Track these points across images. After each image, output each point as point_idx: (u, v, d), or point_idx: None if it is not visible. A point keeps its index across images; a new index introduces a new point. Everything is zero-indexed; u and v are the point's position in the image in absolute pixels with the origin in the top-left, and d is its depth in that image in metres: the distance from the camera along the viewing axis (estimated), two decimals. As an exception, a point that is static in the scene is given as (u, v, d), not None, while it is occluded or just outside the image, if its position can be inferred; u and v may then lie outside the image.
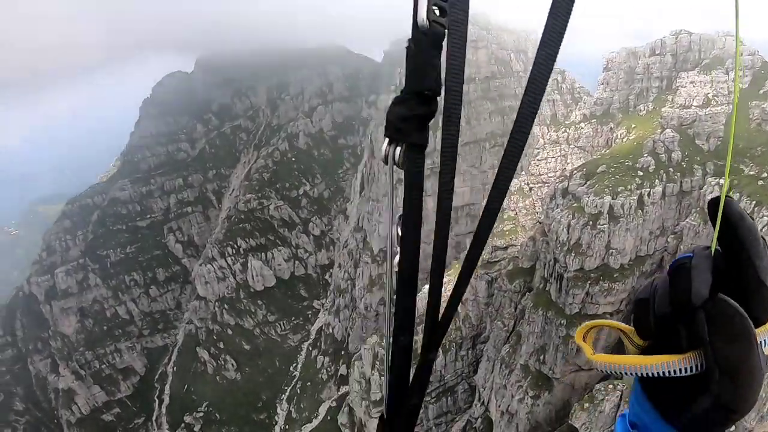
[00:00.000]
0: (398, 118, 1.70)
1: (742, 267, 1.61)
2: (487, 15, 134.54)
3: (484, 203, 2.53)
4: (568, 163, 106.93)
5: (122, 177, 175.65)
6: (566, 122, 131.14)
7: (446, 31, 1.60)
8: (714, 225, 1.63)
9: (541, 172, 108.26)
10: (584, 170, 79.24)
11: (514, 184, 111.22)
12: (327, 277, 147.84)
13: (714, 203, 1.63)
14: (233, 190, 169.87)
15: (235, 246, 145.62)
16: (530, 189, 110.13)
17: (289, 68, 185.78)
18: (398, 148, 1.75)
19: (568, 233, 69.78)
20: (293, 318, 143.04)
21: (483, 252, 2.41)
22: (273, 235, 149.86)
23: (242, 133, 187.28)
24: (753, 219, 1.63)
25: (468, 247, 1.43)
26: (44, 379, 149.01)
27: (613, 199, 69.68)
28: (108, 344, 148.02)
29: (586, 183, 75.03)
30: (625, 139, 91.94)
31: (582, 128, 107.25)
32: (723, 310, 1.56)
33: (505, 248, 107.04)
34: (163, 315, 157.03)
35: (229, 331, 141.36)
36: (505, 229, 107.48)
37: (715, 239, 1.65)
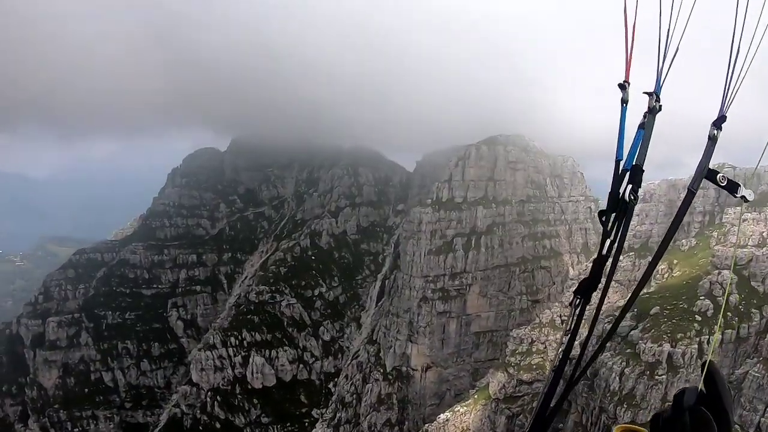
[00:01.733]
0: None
1: (715, 399, 2.94)
2: (525, 138, 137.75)
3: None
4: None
5: (136, 240, 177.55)
6: (604, 254, 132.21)
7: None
8: (701, 375, 3.00)
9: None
10: (635, 310, 78.05)
11: (545, 315, 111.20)
12: (331, 386, 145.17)
13: (704, 363, 3.04)
14: (246, 277, 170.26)
15: (239, 337, 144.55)
16: (562, 322, 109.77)
17: (321, 165, 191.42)
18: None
19: (620, 382, 68.94)
20: (288, 424, 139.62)
21: (506, 385, 4.28)
22: (281, 333, 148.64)
23: (264, 221, 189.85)
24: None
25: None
26: (10, 426, 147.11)
27: (672, 347, 68.54)
28: (86, 408, 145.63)
29: (638, 326, 74.29)
30: (667, 276, 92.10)
31: (620, 261, 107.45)
32: (702, 414, 2.87)
33: (531, 383, 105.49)
34: (149, 391, 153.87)
35: (217, 425, 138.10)
36: (532, 362, 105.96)
37: (701, 381, 2.98)
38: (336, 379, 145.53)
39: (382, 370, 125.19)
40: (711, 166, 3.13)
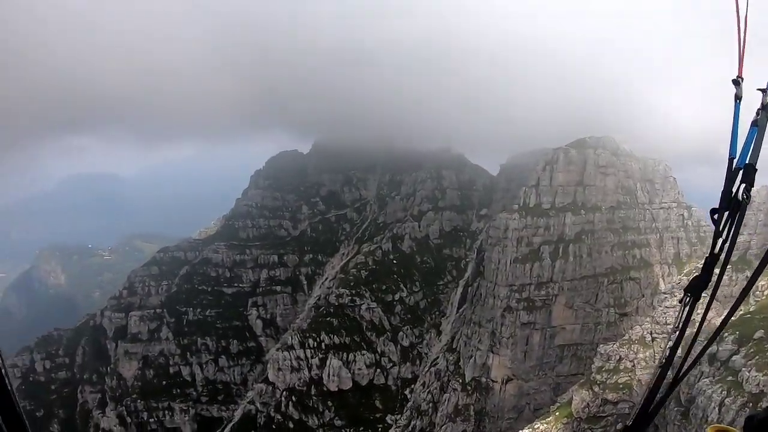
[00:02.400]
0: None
1: None
2: (615, 140, 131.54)
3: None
4: (698, 314, 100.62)
5: (219, 239, 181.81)
6: (691, 262, 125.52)
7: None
8: None
9: (667, 321, 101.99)
10: (737, 333, 72.78)
11: (635, 332, 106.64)
12: (407, 392, 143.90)
13: None
14: (326, 279, 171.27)
15: (318, 339, 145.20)
16: (653, 339, 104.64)
17: (404, 168, 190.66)
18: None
19: (719, 413, 64.51)
20: (362, 428, 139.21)
21: (590, 404, 3.45)
22: (359, 336, 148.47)
23: (346, 223, 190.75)
24: None
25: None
26: (88, 411, 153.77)
27: (780, 377, 63.20)
28: (162, 400, 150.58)
29: (740, 351, 69.01)
30: (766, 292, 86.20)
31: (716, 275, 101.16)
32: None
33: (616, 403, 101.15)
34: (226, 387, 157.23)
35: (290, 424, 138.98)
36: (619, 381, 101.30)
37: None
38: (412, 386, 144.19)
39: (460, 380, 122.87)
40: None
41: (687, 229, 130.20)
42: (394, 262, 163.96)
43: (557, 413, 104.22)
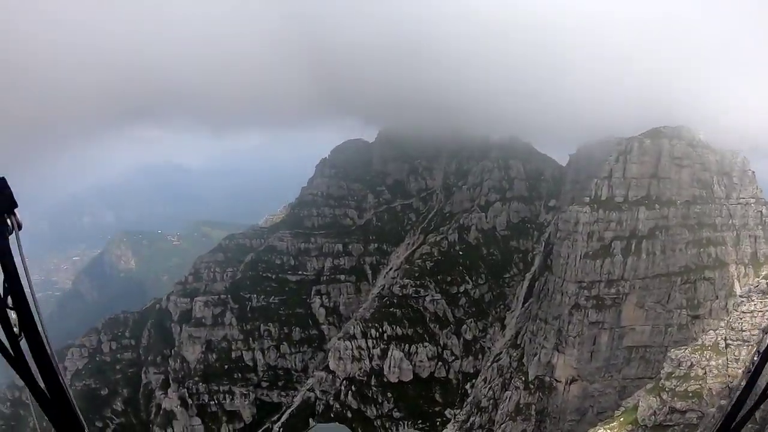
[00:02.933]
0: None
1: None
2: (690, 129, 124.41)
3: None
4: None
5: (284, 228, 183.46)
6: None
7: None
8: None
9: (743, 327, 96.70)
10: None
11: (709, 337, 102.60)
12: (468, 386, 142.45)
13: None
14: (391, 269, 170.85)
15: (380, 330, 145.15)
16: (726, 346, 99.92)
17: (470, 156, 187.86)
18: None
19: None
20: (420, 421, 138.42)
21: (657, 411, 2.95)
22: (422, 328, 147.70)
23: (412, 213, 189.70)
24: None
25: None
26: (151, 391, 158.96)
27: None
28: (224, 383, 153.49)
29: None
30: None
31: None
32: None
33: (684, 412, 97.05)
34: (286, 373, 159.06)
35: (348, 414, 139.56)
36: (688, 389, 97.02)
37: None
38: (473, 381, 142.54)
39: (523, 378, 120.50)
40: None
41: (766, 227, 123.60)
42: (460, 253, 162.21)
43: (621, 419, 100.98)
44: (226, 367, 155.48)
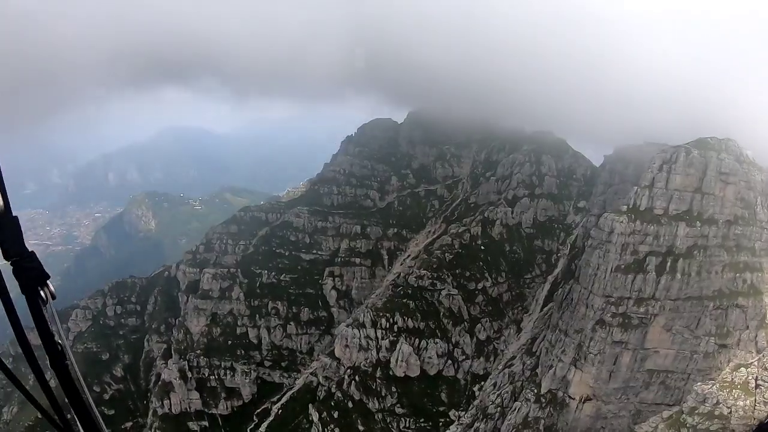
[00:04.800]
0: None
1: None
2: (737, 143, 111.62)
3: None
4: None
5: (303, 204, 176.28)
6: None
7: None
8: None
9: None
10: None
11: (740, 375, 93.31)
12: (476, 389, 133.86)
13: None
14: (408, 257, 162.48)
15: (391, 320, 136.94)
16: (756, 386, 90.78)
17: (500, 147, 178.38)
18: None
19: None
20: (422, 420, 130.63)
21: None
22: (435, 323, 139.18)
23: (436, 200, 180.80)
24: None
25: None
26: (152, 360, 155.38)
27: None
28: (226, 359, 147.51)
29: None
30: None
31: None
32: None
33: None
34: (291, 354, 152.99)
35: (350, 404, 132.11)
36: (710, 428, 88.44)
37: None
38: (482, 383, 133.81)
39: (535, 390, 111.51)
40: None
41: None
42: (482, 248, 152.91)
43: None
44: (229, 342, 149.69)
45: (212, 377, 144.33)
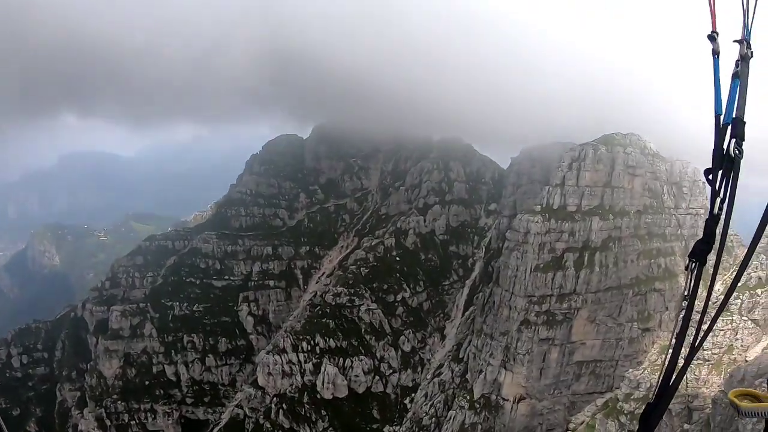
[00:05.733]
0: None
1: None
2: (641, 137, 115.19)
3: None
4: (737, 339, 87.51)
5: (210, 228, 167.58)
6: (740, 285, 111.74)
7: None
8: None
9: (704, 347, 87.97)
10: None
11: (668, 357, 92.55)
12: (407, 401, 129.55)
13: None
14: (323, 274, 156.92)
15: (312, 343, 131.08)
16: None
17: (408, 156, 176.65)
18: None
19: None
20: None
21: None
22: (357, 340, 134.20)
23: (346, 214, 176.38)
24: None
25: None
26: (68, 410, 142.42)
27: None
28: (145, 401, 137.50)
29: None
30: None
31: (758, 296, 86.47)
32: None
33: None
34: (213, 388, 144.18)
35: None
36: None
37: None
38: (413, 395, 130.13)
39: (468, 397, 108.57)
40: None
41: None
42: (397, 259, 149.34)
43: None
44: (146, 382, 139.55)
45: (132, 422, 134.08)
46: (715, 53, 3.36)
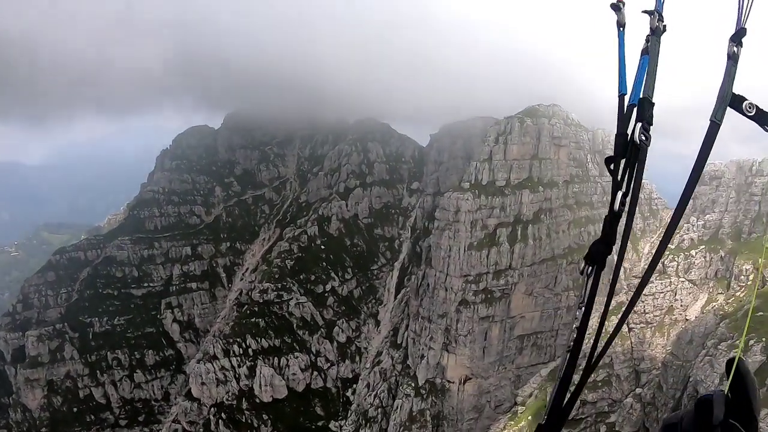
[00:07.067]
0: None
1: (744, 405, 2.43)
2: (563, 108, 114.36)
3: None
4: (676, 300, 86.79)
5: (123, 233, 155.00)
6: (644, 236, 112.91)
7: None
8: (728, 377, 2.50)
9: (646, 310, 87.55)
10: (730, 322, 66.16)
11: (611, 322, 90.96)
12: (349, 393, 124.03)
13: (729, 361, 2.54)
14: (247, 270, 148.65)
15: (244, 345, 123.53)
16: (629, 330, 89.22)
17: (324, 140, 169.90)
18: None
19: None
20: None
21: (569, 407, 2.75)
22: (290, 337, 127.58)
23: (265, 205, 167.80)
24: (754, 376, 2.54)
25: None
26: None
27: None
28: (76, 430, 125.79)
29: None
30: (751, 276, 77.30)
31: (693, 257, 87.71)
32: (732, 429, 2.36)
33: (595, 403, 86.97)
34: (146, 405, 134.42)
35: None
36: (597, 378, 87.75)
37: (728, 385, 2.48)
38: (354, 386, 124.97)
39: (413, 384, 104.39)
40: (736, 91, 2.66)
41: (639, 203, 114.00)
42: (322, 247, 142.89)
43: (529, 417, 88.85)
44: (75, 409, 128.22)
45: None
46: (620, 25, 2.86)
